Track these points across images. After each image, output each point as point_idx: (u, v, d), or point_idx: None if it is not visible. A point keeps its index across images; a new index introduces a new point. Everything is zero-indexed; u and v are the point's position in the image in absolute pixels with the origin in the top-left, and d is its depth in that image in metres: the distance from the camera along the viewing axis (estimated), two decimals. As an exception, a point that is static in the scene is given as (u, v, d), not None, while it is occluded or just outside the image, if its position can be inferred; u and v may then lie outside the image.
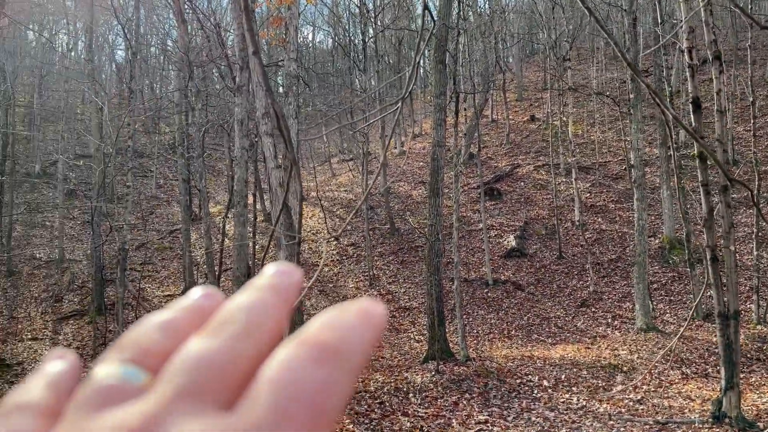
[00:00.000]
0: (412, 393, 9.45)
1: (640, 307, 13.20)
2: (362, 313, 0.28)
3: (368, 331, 0.28)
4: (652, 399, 8.81)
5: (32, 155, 28.05)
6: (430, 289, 11.44)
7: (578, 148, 23.55)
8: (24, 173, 26.09)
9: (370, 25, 25.25)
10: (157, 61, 39.03)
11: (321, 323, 0.27)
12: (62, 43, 41.16)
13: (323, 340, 0.26)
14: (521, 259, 19.01)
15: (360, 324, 0.27)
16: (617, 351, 11.78)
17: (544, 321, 15.51)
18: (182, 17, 14.21)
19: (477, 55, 24.02)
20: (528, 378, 10.04)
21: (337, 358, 0.26)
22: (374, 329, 0.28)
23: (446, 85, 11.82)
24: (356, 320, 0.28)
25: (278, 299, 0.29)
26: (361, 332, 0.27)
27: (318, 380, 0.25)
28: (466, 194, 22.97)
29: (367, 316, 0.28)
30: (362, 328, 0.27)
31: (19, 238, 22.25)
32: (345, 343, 0.26)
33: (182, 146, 18.97)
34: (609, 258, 18.25)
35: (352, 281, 19.23)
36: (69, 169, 25.96)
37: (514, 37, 33.44)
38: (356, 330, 0.27)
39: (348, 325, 0.27)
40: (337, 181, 28.44)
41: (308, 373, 0.25)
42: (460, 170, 15.53)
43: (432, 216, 11.36)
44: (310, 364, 0.25)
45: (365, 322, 0.28)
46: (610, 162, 24.12)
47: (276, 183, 10.99)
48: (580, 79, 30.52)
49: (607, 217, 20.59)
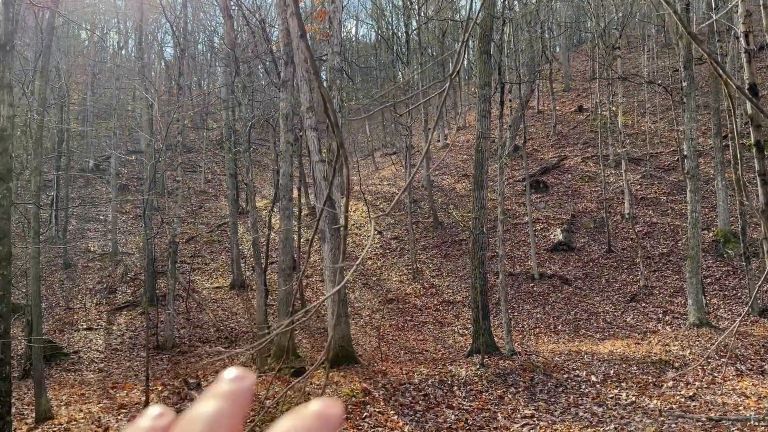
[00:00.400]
0: (456, 386, 9.41)
1: (693, 302, 12.79)
2: (319, 417, 0.30)
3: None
4: (704, 395, 8.55)
5: (86, 151, 29.00)
6: (475, 283, 11.35)
7: (628, 138, 22.98)
8: (78, 169, 27.01)
9: (413, 17, 25.12)
10: (204, 57, 39.80)
11: (281, 428, 0.29)
12: (113, 42, 42.41)
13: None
14: (568, 252, 18.70)
15: (318, 428, 0.29)
16: (668, 347, 11.45)
17: (592, 316, 15.21)
18: (228, 13, 14.44)
19: (522, 44, 23.63)
20: (575, 373, 9.86)
21: None
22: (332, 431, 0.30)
23: (491, 75, 11.69)
24: (314, 424, 0.29)
25: (234, 407, 0.31)
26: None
27: None
28: (511, 187, 22.69)
29: (323, 419, 0.30)
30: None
31: (74, 231, 23.08)
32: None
33: (229, 141, 19.32)
34: (660, 252, 17.77)
35: (395, 274, 19.26)
36: (121, 165, 26.79)
37: (561, 26, 32.76)
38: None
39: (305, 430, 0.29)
40: (380, 174, 28.49)
41: None
42: (505, 162, 15.35)
43: (476, 209, 11.26)
44: None
45: (323, 426, 0.29)
46: (661, 153, 23.45)
47: (320, 176, 11.08)
48: (631, 68, 29.72)
49: (658, 209, 20.05)
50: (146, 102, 17.98)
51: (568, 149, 25.61)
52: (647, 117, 25.48)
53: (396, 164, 28.30)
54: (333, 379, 9.78)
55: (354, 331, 14.53)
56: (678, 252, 17.40)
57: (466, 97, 35.40)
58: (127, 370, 13.23)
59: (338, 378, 9.89)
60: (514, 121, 20.92)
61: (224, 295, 18.50)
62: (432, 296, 17.61)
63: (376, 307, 17.03)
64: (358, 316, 16.57)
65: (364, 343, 14.16)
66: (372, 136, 35.23)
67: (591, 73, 30.89)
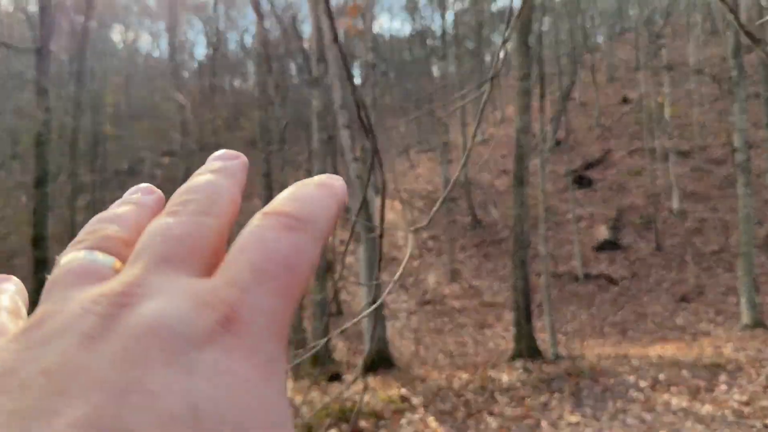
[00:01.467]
0: (498, 392, 9.14)
1: (747, 301, 12.27)
2: (322, 185, 0.31)
3: (329, 201, 0.30)
4: (760, 401, 8.05)
5: (120, 153, 29.44)
6: (516, 284, 11.00)
7: (676, 130, 22.32)
8: (113, 171, 27.41)
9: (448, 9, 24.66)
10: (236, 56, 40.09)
11: (283, 197, 0.30)
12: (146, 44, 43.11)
13: (288, 210, 0.28)
14: (614, 251, 18.23)
15: (320, 195, 0.30)
16: (721, 349, 10.94)
17: (640, 317, 14.78)
18: (259, 11, 14.30)
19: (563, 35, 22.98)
20: (623, 378, 9.48)
21: (302, 225, 0.28)
22: (334, 199, 0.30)
23: (531, 67, 11.29)
24: (316, 192, 0.30)
25: (229, 179, 0.32)
26: (322, 202, 0.30)
27: (289, 243, 0.27)
28: (553, 183, 22.15)
29: (326, 188, 0.30)
30: (323, 199, 0.30)
31: (111, 233, 23.39)
32: (308, 211, 0.29)
33: (262, 140, 19.24)
34: (711, 249, 17.21)
35: (433, 275, 19.02)
36: (155, 166, 27.07)
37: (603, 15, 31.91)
38: (319, 201, 0.30)
39: (310, 197, 0.30)
40: (415, 172, 28.23)
41: (279, 237, 0.27)
42: (547, 157, 14.91)
43: (517, 206, 10.92)
44: (279, 230, 0.27)
45: (325, 193, 0.30)
46: (711, 145, 22.69)
47: (354, 175, 10.80)
48: (677, 57, 28.74)
49: (708, 204, 19.43)
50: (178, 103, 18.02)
51: (612, 142, 25.01)
52: (695, 108, 24.66)
53: (432, 161, 27.98)
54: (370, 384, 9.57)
55: (391, 334, 14.32)
56: (730, 249, 16.80)
57: (505, 90, 34.77)
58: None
59: (375, 383, 9.67)
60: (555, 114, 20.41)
61: (259, 296, 18.47)
62: (471, 298, 17.34)
63: (413, 308, 16.81)
64: (395, 319, 16.39)
65: (401, 346, 13.96)
66: (407, 133, 34.94)
67: (635, 63, 30.07)
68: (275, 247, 0.26)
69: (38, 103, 6.54)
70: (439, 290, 18.09)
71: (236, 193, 0.31)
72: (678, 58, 28.47)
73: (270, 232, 0.27)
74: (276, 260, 0.26)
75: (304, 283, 0.26)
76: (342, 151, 11.90)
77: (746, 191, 12.43)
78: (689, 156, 22.16)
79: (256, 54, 19.68)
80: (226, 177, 0.31)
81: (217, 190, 0.30)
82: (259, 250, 0.26)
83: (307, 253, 0.27)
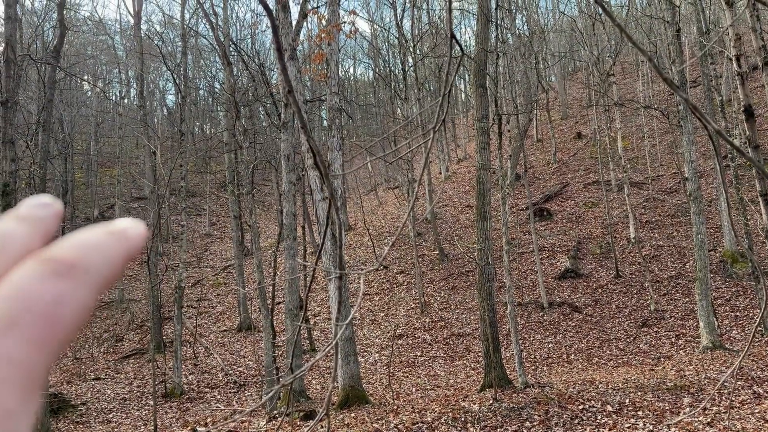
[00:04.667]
0: (470, 423, 9.22)
1: (705, 324, 12.62)
2: (111, 231, 0.29)
3: (116, 248, 0.29)
4: (723, 421, 8.36)
5: (90, 200, 29.21)
6: (484, 315, 11.22)
7: (629, 163, 23.05)
8: (84, 218, 27.17)
9: (409, 54, 25.50)
10: (206, 102, 40.37)
11: (66, 242, 0.28)
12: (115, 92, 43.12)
13: (63, 256, 0.27)
14: (576, 279, 18.57)
15: (107, 241, 0.29)
16: (683, 371, 11.27)
17: (604, 343, 15.03)
18: (227, 60, 14.68)
19: (518, 76, 23.92)
20: (590, 404, 9.68)
21: (74, 273, 0.27)
22: (123, 245, 0.29)
23: (488, 108, 11.75)
24: (103, 238, 0.29)
25: (29, 227, 0.29)
26: (107, 249, 0.28)
27: (54, 291, 0.26)
28: (515, 216, 22.69)
29: (116, 235, 0.29)
30: (109, 245, 0.28)
31: (81, 280, 23.04)
32: (86, 259, 0.27)
33: (232, 184, 19.45)
34: (669, 275, 17.64)
35: (402, 309, 19.12)
36: (125, 212, 26.92)
37: (555, 56, 33.20)
38: (101, 247, 0.28)
39: (92, 243, 0.28)
40: (383, 209, 28.55)
41: (43, 286, 0.26)
42: (508, 192, 15.36)
43: (481, 240, 11.21)
44: (46, 277, 0.26)
45: (113, 240, 0.29)
46: (663, 175, 23.49)
47: (323, 215, 11.12)
48: (627, 93, 29.98)
49: (663, 232, 19.98)
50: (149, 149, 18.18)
51: (569, 176, 25.68)
52: (646, 141, 25.62)
53: (399, 198, 28.39)
54: (344, 421, 9.64)
55: (364, 369, 14.36)
56: (686, 274, 17.27)
57: (466, 129, 35.69)
58: (135, 420, 13.06)
59: (349, 419, 9.74)
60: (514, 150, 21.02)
61: (231, 338, 18.37)
62: (441, 329, 17.45)
63: (385, 343, 16.87)
64: (368, 353, 16.40)
65: (374, 381, 13.98)
66: (374, 172, 35.43)
67: (588, 101, 31.19)
68: (36, 295, 0.25)
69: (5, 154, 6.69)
70: (409, 323, 18.16)
71: (33, 242, 0.29)
72: (628, 95, 29.70)
73: (35, 278, 0.26)
74: (33, 309, 0.25)
75: (64, 333, 0.25)
76: (311, 191, 12.20)
77: (698, 219, 12.91)
78: (643, 187, 22.82)
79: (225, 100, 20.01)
80: (28, 225, 0.29)
81: (10, 239, 0.28)
82: (16, 297, 0.25)
83: (73, 303, 0.26)
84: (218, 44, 14.99)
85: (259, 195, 29.97)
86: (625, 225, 20.42)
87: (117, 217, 14.87)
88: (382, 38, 36.53)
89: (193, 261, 24.15)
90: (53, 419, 12.64)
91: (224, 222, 29.33)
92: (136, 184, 30.58)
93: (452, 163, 31.92)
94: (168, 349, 17.01)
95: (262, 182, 32.15)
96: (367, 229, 22.66)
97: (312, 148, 1.32)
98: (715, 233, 18.33)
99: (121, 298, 21.35)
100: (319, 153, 1.30)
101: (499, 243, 17.10)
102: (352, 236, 24.68)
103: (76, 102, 30.82)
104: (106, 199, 29.44)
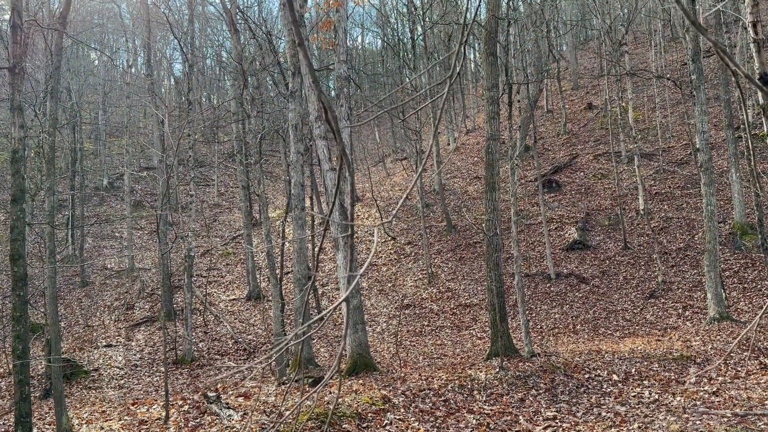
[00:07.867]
0: (476, 390, 9.30)
1: (713, 296, 12.61)
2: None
3: None
4: (728, 391, 8.40)
5: (99, 170, 29.33)
6: (491, 285, 11.24)
7: (640, 134, 22.84)
8: (93, 187, 27.29)
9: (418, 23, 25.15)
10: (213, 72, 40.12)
11: None
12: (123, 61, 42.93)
13: None
14: (584, 251, 18.57)
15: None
16: (689, 342, 11.30)
17: (611, 314, 15.07)
18: (235, 27, 14.53)
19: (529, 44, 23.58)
20: (596, 372, 9.74)
21: None
22: None
23: (498, 77, 11.61)
24: None
25: None
26: None
27: None
28: (523, 187, 22.60)
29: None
30: None
31: (90, 249, 23.31)
32: None
33: (240, 154, 19.41)
34: (677, 246, 17.59)
35: (410, 280, 19.21)
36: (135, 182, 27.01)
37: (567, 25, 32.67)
38: None
39: None
40: (391, 180, 28.50)
41: None
42: (517, 163, 15.27)
43: (489, 211, 11.16)
44: None
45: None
46: (674, 147, 23.26)
47: (331, 184, 11.10)
48: (639, 63, 29.55)
49: (673, 204, 19.87)
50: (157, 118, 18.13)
51: (579, 147, 25.50)
52: (658, 112, 25.33)
53: (407, 169, 28.30)
54: (352, 387, 9.74)
55: (371, 338, 14.48)
56: (695, 246, 17.22)
57: (475, 100, 35.36)
58: (147, 385, 13.29)
59: (357, 386, 9.84)
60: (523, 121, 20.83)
61: (241, 306, 18.55)
62: (448, 300, 17.55)
63: (392, 313, 17.00)
64: (375, 323, 16.54)
65: (382, 350, 14.11)
66: (382, 143, 35.28)
67: (599, 70, 30.78)
68: None
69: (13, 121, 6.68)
70: (417, 294, 18.27)
71: None
72: (640, 65, 29.26)
73: None
74: None
75: None
76: (319, 161, 12.15)
77: (709, 190, 12.81)
78: (653, 158, 22.62)
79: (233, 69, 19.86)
80: None
81: None
82: None
83: None
84: (225, 12, 14.83)
85: (267, 165, 29.96)
86: (635, 197, 20.32)
87: (126, 186, 14.96)
88: (390, 6, 36.04)
89: (203, 231, 24.28)
90: (66, 384, 12.87)
91: (233, 192, 29.40)
92: (144, 153, 30.62)
93: (461, 134, 31.71)
94: (178, 317, 17.21)
95: (270, 153, 32.10)
96: (375, 201, 22.65)
97: (323, 101, 1.30)
98: (725, 205, 18.22)
99: (131, 266, 21.55)
100: (330, 108, 1.29)
101: (507, 214, 17.08)
102: (360, 207, 24.68)
103: (84, 71, 30.71)
104: (115, 168, 29.53)
